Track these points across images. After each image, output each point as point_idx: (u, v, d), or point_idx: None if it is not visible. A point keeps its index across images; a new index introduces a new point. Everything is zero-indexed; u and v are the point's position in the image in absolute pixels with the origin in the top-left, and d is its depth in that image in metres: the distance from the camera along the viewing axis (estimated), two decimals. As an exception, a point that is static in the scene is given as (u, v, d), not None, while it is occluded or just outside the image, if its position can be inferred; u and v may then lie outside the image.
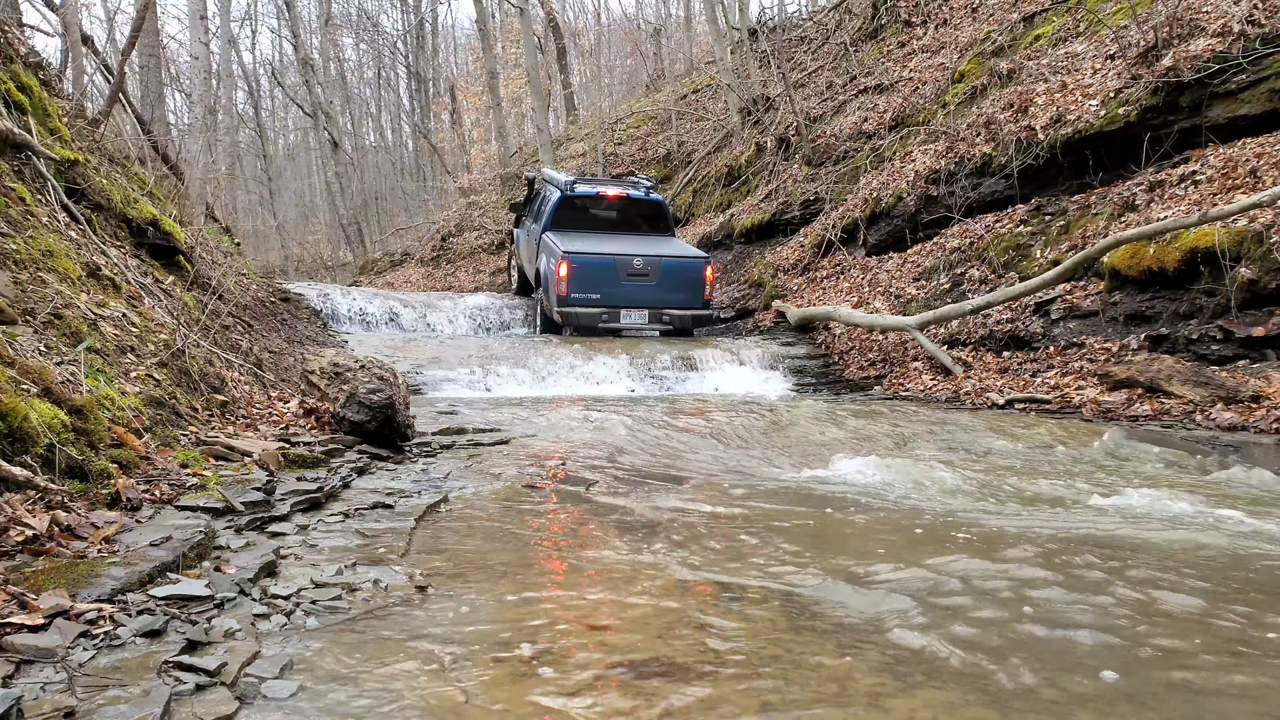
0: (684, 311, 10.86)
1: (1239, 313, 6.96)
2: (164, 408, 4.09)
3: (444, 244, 24.72)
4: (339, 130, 33.32)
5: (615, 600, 2.50)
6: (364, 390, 4.90)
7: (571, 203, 11.87)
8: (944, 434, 6.24)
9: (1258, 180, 7.43)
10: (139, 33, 11.84)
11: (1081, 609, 2.43)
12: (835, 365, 10.16)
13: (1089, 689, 1.91)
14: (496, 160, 28.02)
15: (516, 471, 4.60)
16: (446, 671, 1.95)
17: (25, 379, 3.04)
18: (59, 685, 1.73)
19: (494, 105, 27.77)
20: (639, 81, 31.22)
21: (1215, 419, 6.17)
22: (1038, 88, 10.54)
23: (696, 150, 19.41)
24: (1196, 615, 2.41)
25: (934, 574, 2.75)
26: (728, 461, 5.53)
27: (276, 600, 2.32)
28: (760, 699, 1.85)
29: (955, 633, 2.23)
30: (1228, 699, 1.89)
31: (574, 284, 10.53)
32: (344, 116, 36.77)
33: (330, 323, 11.25)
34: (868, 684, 1.93)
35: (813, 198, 13.61)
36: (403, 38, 38.84)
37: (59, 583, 2.15)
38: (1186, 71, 8.54)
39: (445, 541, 3.16)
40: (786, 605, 2.48)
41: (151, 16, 15.54)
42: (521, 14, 22.89)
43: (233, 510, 3.09)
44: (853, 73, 16.28)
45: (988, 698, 1.86)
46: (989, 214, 10.48)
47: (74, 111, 7.05)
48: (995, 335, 8.90)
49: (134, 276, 5.37)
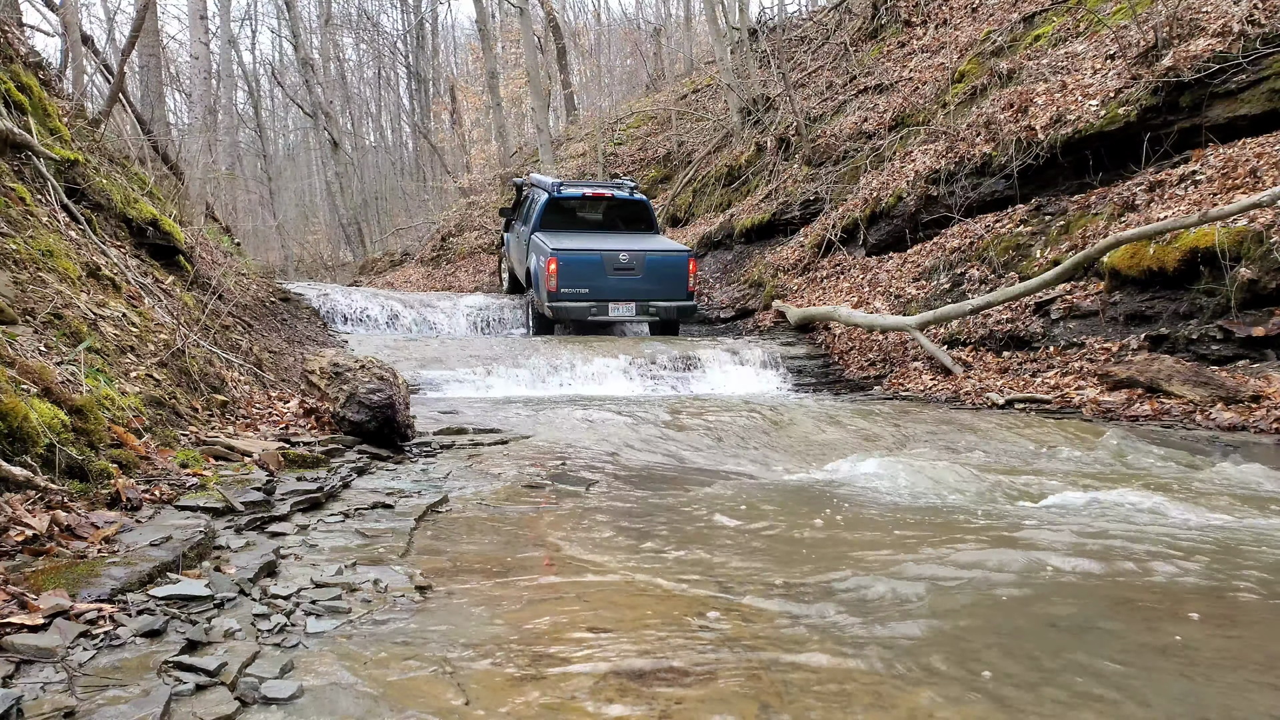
0: (669, 303, 11.18)
1: (1239, 313, 6.95)
2: (164, 408, 4.09)
3: (444, 244, 24.71)
4: (339, 130, 33.30)
5: (616, 602, 2.50)
6: (364, 390, 4.90)
7: (559, 205, 12.21)
8: (944, 434, 6.24)
9: (1258, 180, 7.43)
10: (139, 33, 11.85)
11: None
12: (835, 365, 10.16)
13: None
14: (496, 160, 28.00)
15: (516, 472, 4.60)
16: (447, 672, 1.95)
17: (25, 379, 3.04)
18: (59, 685, 1.73)
19: (494, 105, 27.76)
20: (639, 81, 31.21)
21: (1215, 419, 6.17)
22: (1038, 88, 10.54)
23: (696, 150, 19.40)
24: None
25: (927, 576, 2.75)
26: (727, 461, 5.53)
27: (276, 600, 2.32)
28: (759, 699, 1.85)
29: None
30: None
31: (563, 279, 10.81)
32: (344, 116, 36.74)
33: (330, 322, 11.25)
34: (871, 679, 1.93)
35: (813, 198, 13.60)
36: (403, 38, 38.85)
37: (59, 583, 2.15)
38: (1186, 71, 8.53)
39: (445, 542, 3.16)
40: (786, 606, 2.48)
41: (151, 16, 15.53)
42: (521, 14, 22.88)
43: (233, 510, 3.09)
44: (853, 73, 16.28)
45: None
46: (989, 214, 10.47)
47: (74, 111, 7.05)
48: (995, 335, 8.90)
49: (134, 276, 5.37)
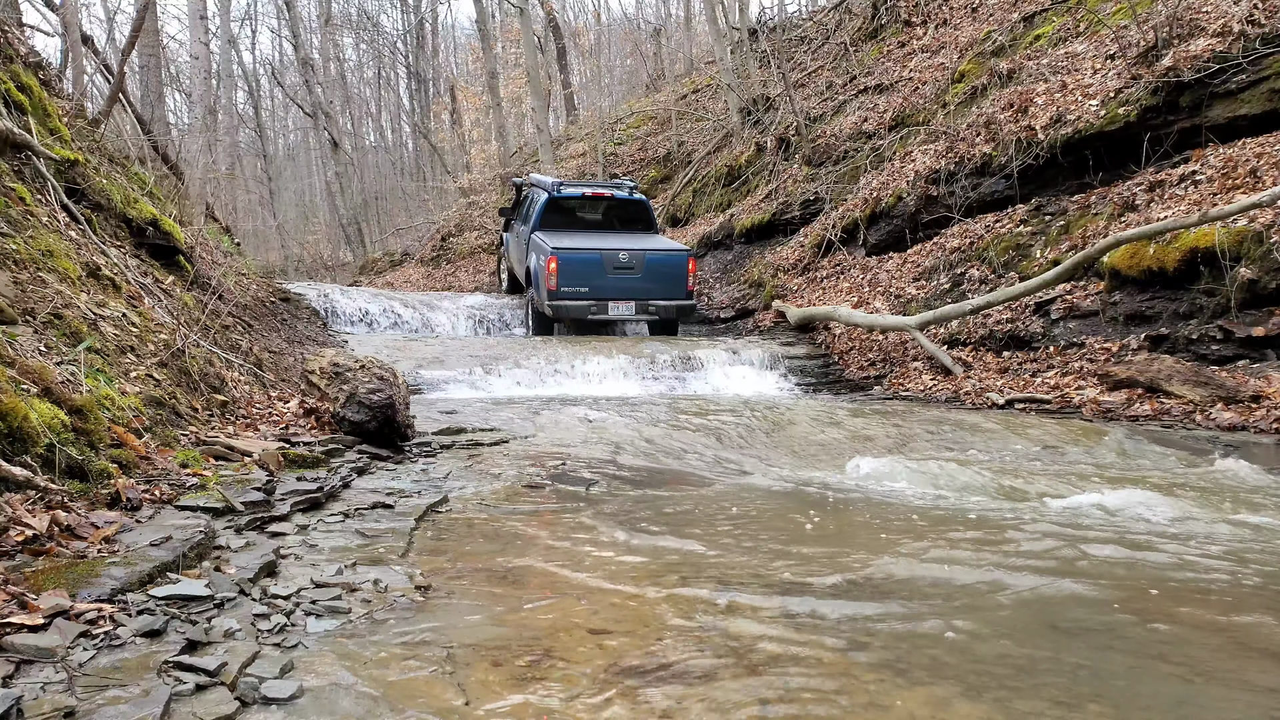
0: (668, 302, 11.22)
1: (1239, 313, 6.95)
2: (164, 408, 4.09)
3: (444, 244, 24.72)
4: (339, 130, 33.28)
5: (616, 602, 2.50)
6: (364, 390, 4.90)
7: (558, 204, 12.25)
8: (944, 434, 6.24)
9: (1258, 180, 7.43)
10: (139, 33, 11.85)
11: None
12: (835, 365, 10.16)
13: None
14: (496, 160, 28.00)
15: (516, 471, 4.60)
16: (447, 672, 1.95)
17: (25, 379, 3.04)
18: (59, 685, 1.73)
19: (494, 105, 27.76)
20: (639, 81, 31.19)
21: (1215, 419, 6.17)
22: (1038, 88, 10.54)
23: (696, 150, 19.39)
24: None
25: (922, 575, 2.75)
26: (727, 461, 5.53)
27: (276, 600, 2.32)
28: (759, 698, 1.85)
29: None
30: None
31: (563, 278, 10.84)
32: (344, 116, 36.72)
33: (330, 322, 11.24)
34: (870, 677, 1.93)
35: (813, 198, 13.60)
36: (403, 38, 38.85)
37: (59, 583, 2.15)
38: (1186, 71, 8.53)
39: (445, 542, 3.16)
40: (786, 605, 2.48)
41: (151, 16, 15.54)
42: (521, 14, 22.87)
43: (233, 510, 3.09)
44: (853, 73, 16.27)
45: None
46: (989, 214, 10.46)
47: (74, 111, 7.05)
48: (995, 335, 8.90)
49: (134, 276, 5.37)
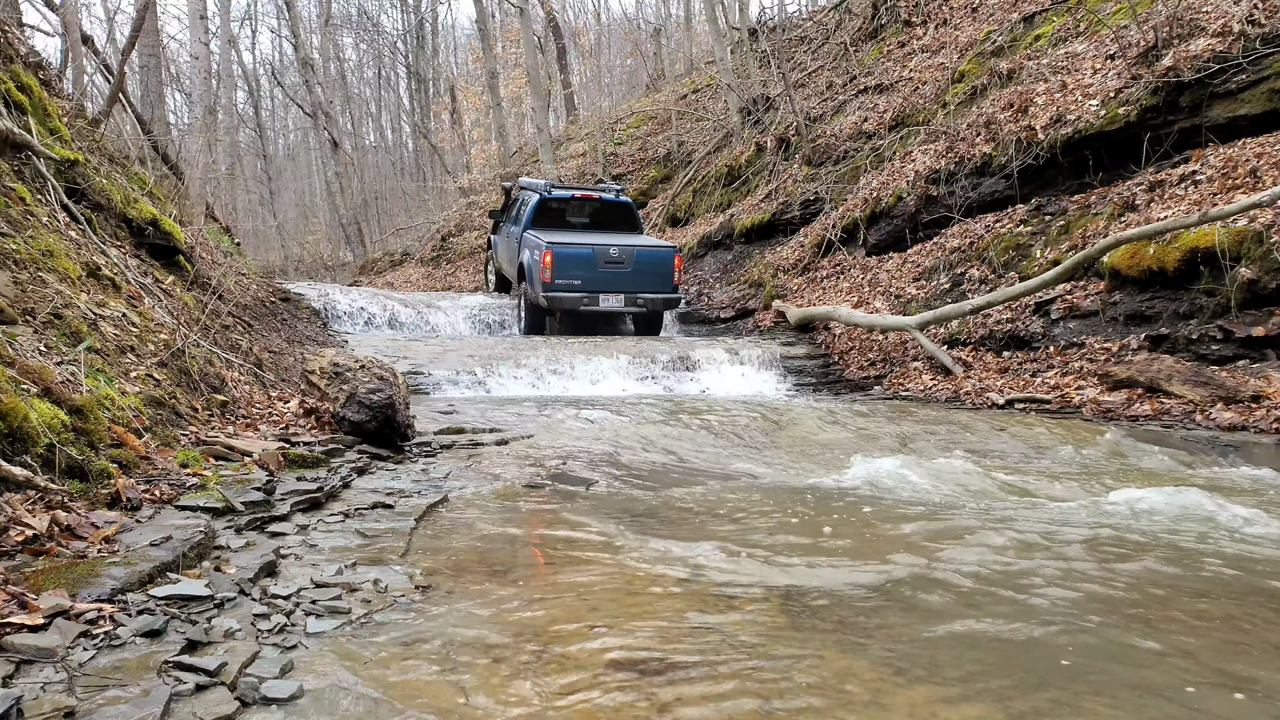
0: (656, 295, 11.81)
1: (1239, 313, 6.95)
2: (164, 408, 4.09)
3: (444, 244, 24.73)
4: (339, 130, 33.29)
5: (615, 600, 2.50)
6: (364, 390, 4.90)
7: (549, 205, 12.79)
8: (944, 434, 6.23)
9: (1258, 180, 7.43)
10: (139, 33, 11.84)
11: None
12: (835, 365, 10.16)
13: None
14: (496, 160, 28.02)
15: (516, 471, 4.60)
16: (447, 671, 1.95)
17: (25, 379, 3.04)
18: (59, 685, 1.73)
19: (494, 105, 27.77)
20: (639, 81, 31.19)
21: (1215, 419, 6.17)
22: (1038, 88, 10.54)
23: (696, 150, 19.39)
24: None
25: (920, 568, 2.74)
26: (727, 461, 5.53)
27: (276, 600, 2.32)
28: (760, 694, 1.85)
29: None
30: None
31: (557, 271, 11.36)
32: (344, 116, 36.74)
33: (330, 322, 11.25)
34: (871, 676, 1.93)
35: (813, 198, 13.60)
36: (403, 38, 38.85)
37: (59, 583, 2.15)
38: (1186, 71, 8.53)
39: (446, 541, 3.16)
40: (786, 604, 2.48)
41: (151, 16, 15.54)
42: (521, 14, 22.87)
43: (233, 510, 3.09)
44: (853, 73, 16.27)
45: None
46: (989, 214, 10.46)
47: (74, 111, 7.05)
48: (995, 335, 8.90)
49: (134, 276, 5.37)
